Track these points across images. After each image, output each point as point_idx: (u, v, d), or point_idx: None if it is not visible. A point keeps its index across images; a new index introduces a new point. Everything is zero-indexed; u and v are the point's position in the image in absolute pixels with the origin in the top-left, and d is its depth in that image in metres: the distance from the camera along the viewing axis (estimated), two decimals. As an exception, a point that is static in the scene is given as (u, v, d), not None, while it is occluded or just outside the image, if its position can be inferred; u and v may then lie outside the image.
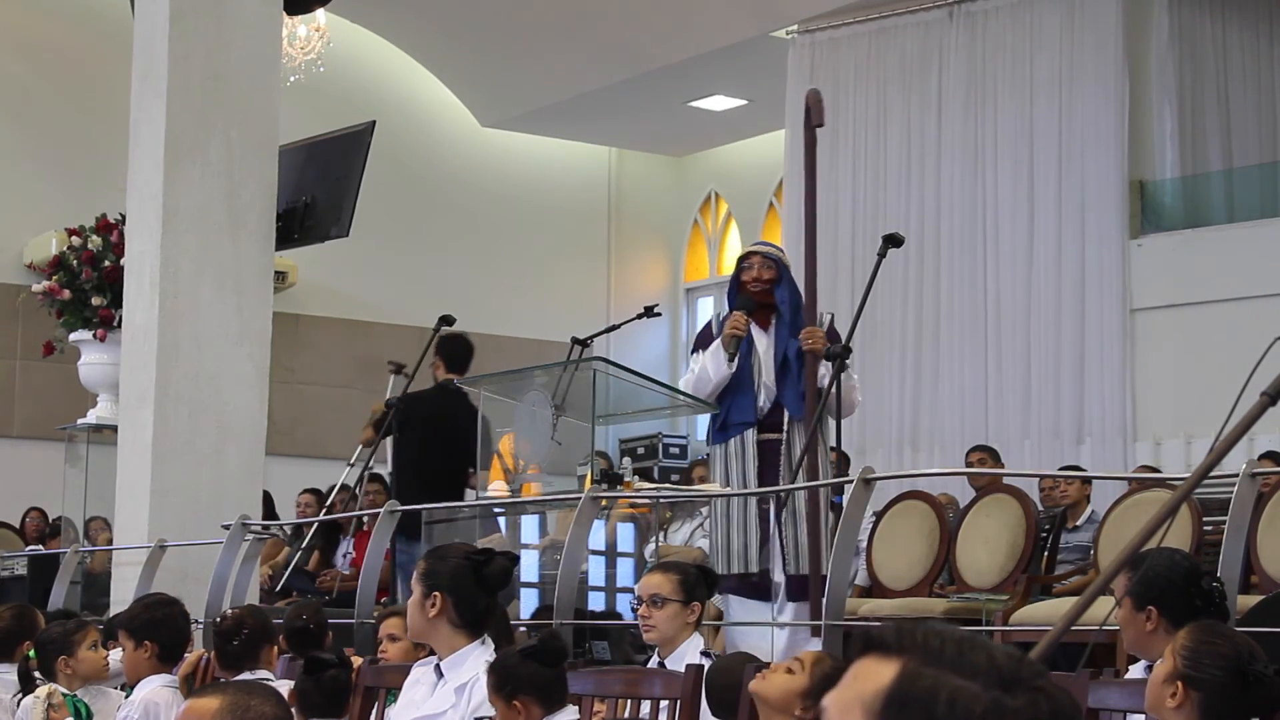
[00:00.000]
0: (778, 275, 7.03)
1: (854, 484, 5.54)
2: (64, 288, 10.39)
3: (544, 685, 3.94)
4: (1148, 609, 4.08)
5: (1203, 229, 12.06)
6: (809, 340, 6.67)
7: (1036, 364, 12.32)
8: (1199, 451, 11.10)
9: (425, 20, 14.73)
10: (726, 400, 6.97)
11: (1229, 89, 12.54)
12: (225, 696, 2.92)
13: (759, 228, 15.94)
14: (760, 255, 7.11)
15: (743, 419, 6.92)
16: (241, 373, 8.33)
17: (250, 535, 7.55)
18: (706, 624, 6.06)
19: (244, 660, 5.30)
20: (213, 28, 8.41)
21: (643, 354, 15.52)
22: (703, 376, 6.96)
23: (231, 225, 8.37)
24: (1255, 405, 2.54)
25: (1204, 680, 3.26)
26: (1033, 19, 12.58)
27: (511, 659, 3.98)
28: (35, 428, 13.26)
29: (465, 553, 4.29)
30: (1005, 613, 7.14)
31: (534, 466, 9.30)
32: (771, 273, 7.02)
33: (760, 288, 6.99)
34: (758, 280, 6.99)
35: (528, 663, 3.95)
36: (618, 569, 9.50)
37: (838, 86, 13.46)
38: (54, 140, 14.05)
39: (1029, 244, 12.46)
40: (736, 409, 6.94)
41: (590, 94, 14.81)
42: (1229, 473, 5.36)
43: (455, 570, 4.20)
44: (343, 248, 10.25)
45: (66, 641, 5.64)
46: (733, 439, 6.92)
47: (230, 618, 5.42)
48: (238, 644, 5.30)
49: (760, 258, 7.08)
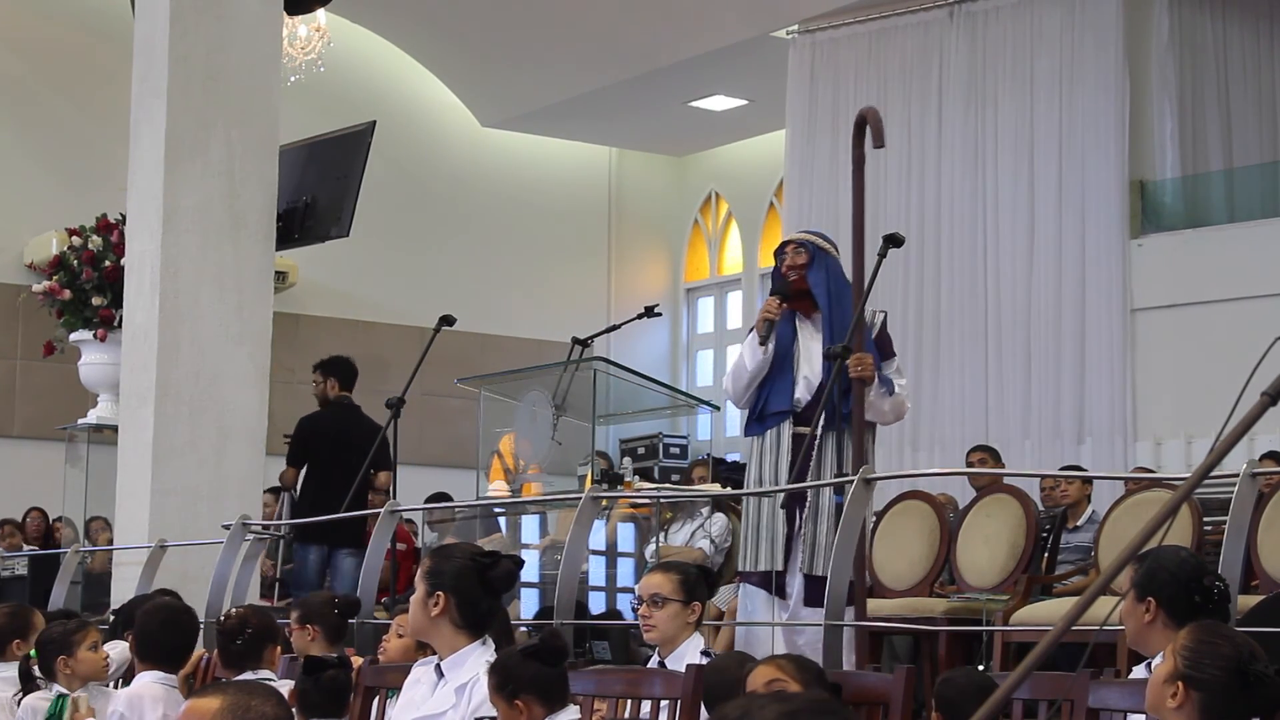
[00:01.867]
0: (810, 259, 6.73)
1: (854, 484, 5.54)
2: (64, 288, 10.40)
3: (546, 684, 3.94)
4: (1147, 600, 4.09)
5: (1203, 229, 12.06)
6: (857, 367, 6.35)
7: (1036, 364, 12.32)
8: (1199, 451, 11.10)
9: (425, 20, 14.73)
10: (765, 388, 6.65)
11: (1229, 89, 12.54)
12: (226, 696, 2.92)
13: (759, 228, 15.94)
14: (793, 242, 6.83)
15: (780, 407, 6.61)
16: (241, 373, 8.34)
17: (250, 535, 7.54)
18: (707, 624, 6.06)
19: (247, 660, 5.29)
20: (213, 28, 8.42)
21: (643, 354, 15.52)
22: (739, 365, 6.70)
23: (231, 225, 8.38)
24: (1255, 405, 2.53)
25: (1204, 680, 3.26)
26: (1033, 19, 12.58)
27: (513, 658, 3.98)
28: (35, 428, 13.26)
29: (471, 553, 4.28)
30: (1005, 613, 7.14)
31: (534, 466, 9.31)
32: (803, 257, 6.72)
33: (793, 274, 6.71)
34: (791, 267, 6.71)
35: (529, 662, 3.94)
36: (618, 569, 9.51)
37: (838, 86, 13.47)
38: (54, 140, 14.06)
39: (1029, 244, 12.46)
40: (775, 396, 6.64)
41: (590, 94, 14.81)
42: (1229, 473, 5.35)
43: (460, 571, 4.19)
44: (343, 248, 10.26)
45: (66, 641, 5.64)
46: (769, 431, 6.63)
47: (234, 617, 5.41)
48: (241, 643, 5.30)
49: (793, 245, 6.80)
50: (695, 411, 11.00)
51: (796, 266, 6.71)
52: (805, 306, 6.72)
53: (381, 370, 14.32)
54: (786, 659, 4.19)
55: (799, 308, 6.70)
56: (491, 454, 9.43)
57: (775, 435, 6.58)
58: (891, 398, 6.59)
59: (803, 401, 6.60)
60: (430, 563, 4.25)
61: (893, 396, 6.59)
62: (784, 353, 6.64)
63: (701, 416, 12.71)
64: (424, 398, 12.88)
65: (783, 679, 3.97)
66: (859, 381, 6.36)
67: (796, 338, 6.70)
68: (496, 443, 9.48)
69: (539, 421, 9.13)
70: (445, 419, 14.06)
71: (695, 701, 4.14)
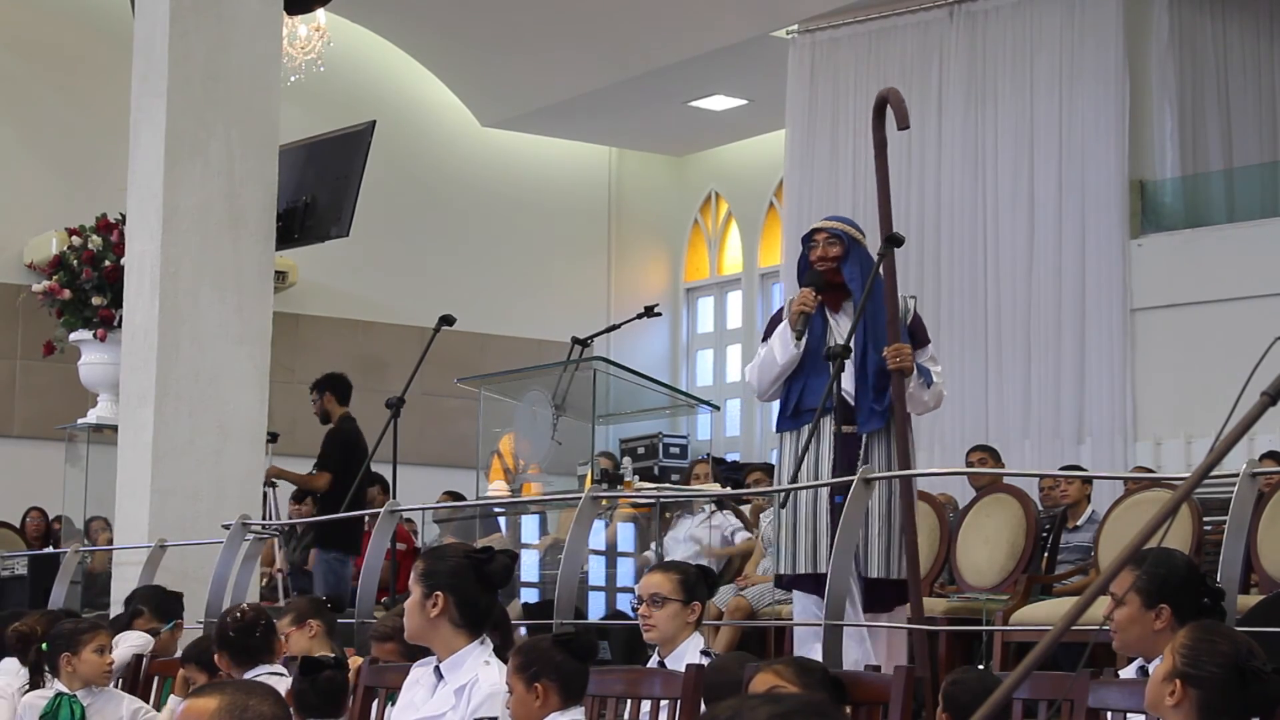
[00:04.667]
0: (844, 251, 6.49)
1: (854, 484, 5.53)
2: (64, 287, 10.39)
3: (569, 676, 3.93)
4: (1159, 607, 4.01)
5: (1203, 229, 12.06)
6: (895, 358, 6.20)
7: (1036, 364, 12.32)
8: (1199, 451, 11.10)
9: (425, 20, 14.73)
10: (798, 384, 6.40)
11: (1229, 89, 12.54)
12: (224, 696, 2.91)
13: (759, 227, 15.95)
14: (825, 232, 6.55)
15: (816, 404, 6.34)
16: (241, 373, 8.34)
17: (250, 535, 7.54)
18: (707, 624, 6.06)
19: (261, 654, 5.30)
20: (213, 28, 8.42)
21: (643, 354, 15.53)
22: (768, 360, 6.43)
23: (231, 225, 8.37)
24: (1255, 405, 2.53)
25: (1203, 679, 3.26)
26: (1033, 19, 12.58)
27: (543, 643, 3.97)
28: (35, 428, 13.26)
29: (465, 551, 4.28)
30: (1005, 613, 7.14)
31: (534, 466, 9.31)
32: (837, 249, 6.47)
33: (826, 266, 6.45)
34: (823, 259, 6.45)
35: (558, 650, 3.94)
36: (618, 569, 9.52)
37: (838, 86, 13.47)
38: (54, 140, 14.06)
39: (1029, 244, 12.46)
40: (810, 394, 6.37)
41: (590, 94, 14.81)
42: (1229, 473, 5.35)
43: (456, 569, 4.19)
44: (343, 248, 10.25)
45: (73, 640, 5.64)
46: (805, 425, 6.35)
47: (246, 614, 5.41)
48: (259, 637, 5.30)
49: (825, 234, 6.53)
50: (695, 411, 11.01)
51: (830, 258, 6.48)
52: (836, 299, 6.52)
53: (381, 370, 14.33)
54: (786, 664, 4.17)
55: (829, 300, 6.49)
56: (491, 454, 9.44)
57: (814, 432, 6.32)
58: (930, 388, 6.41)
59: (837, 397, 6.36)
60: (424, 564, 4.24)
61: (931, 387, 6.41)
62: (816, 347, 6.40)
63: (701, 416, 12.71)
64: (424, 398, 12.88)
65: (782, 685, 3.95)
66: (898, 373, 6.20)
67: (828, 331, 6.47)
68: (496, 443, 9.49)
69: (539, 421, 9.13)
70: (445, 419, 14.06)
71: (695, 701, 4.15)
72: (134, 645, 6.34)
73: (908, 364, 6.24)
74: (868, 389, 6.34)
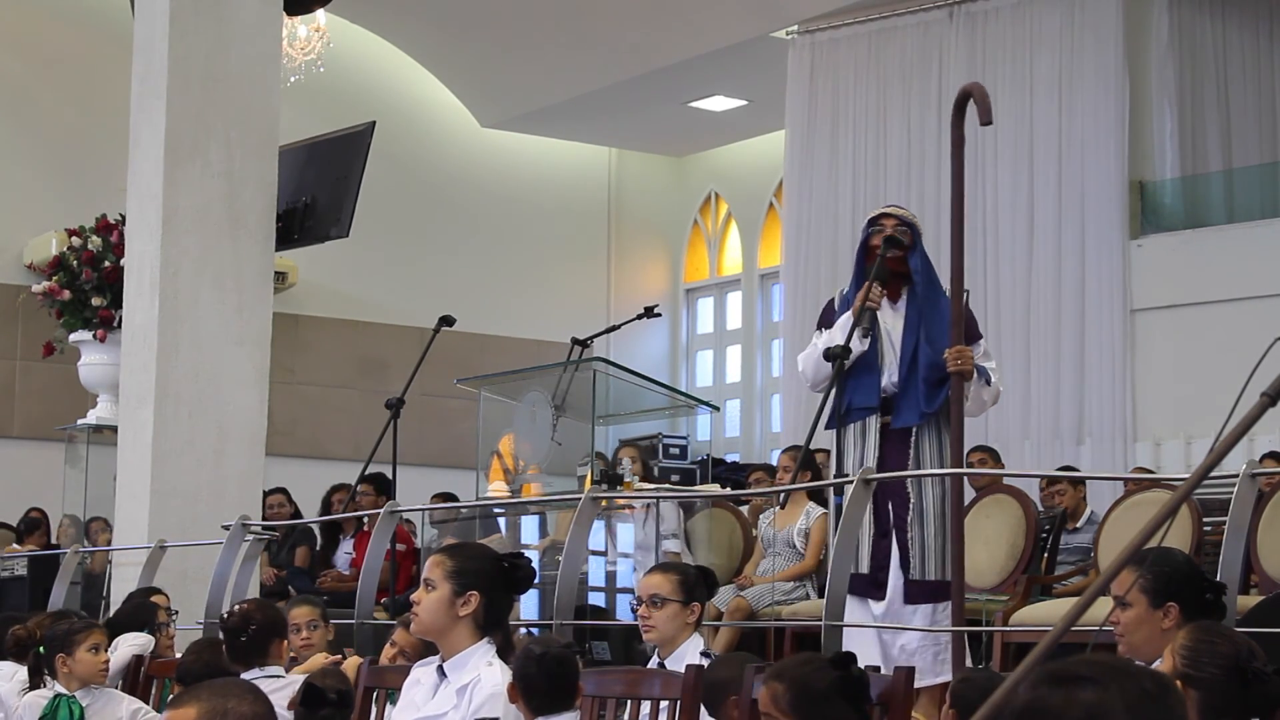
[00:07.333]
0: (912, 241, 6.42)
1: (854, 484, 5.53)
2: (64, 288, 10.40)
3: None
4: (1166, 606, 3.96)
5: (1203, 229, 12.06)
6: (957, 361, 6.08)
7: (1036, 364, 12.32)
8: (1199, 452, 11.10)
9: (425, 20, 14.73)
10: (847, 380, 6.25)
11: (1229, 89, 12.54)
12: (200, 703, 2.84)
13: (759, 228, 15.94)
14: (894, 218, 6.46)
15: (866, 403, 6.28)
16: (241, 373, 8.34)
17: (250, 535, 7.55)
18: (706, 624, 6.06)
19: (253, 655, 5.29)
20: (213, 28, 8.42)
21: (643, 354, 15.52)
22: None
23: (231, 225, 8.38)
24: (1255, 405, 2.53)
25: (1203, 679, 3.26)
26: (1033, 19, 12.58)
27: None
28: (35, 428, 13.26)
29: (493, 554, 4.35)
30: (1005, 613, 7.14)
31: (534, 467, 9.30)
32: (907, 238, 6.41)
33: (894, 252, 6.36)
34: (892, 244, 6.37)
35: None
36: (618, 569, 9.51)
37: (838, 86, 13.47)
38: (54, 140, 14.05)
39: (1029, 244, 12.46)
40: (860, 392, 6.29)
41: (590, 94, 14.80)
42: (1229, 473, 5.36)
43: (490, 571, 4.24)
44: (343, 248, 10.25)
45: (68, 640, 5.64)
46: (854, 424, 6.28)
47: (238, 613, 5.41)
48: (246, 639, 5.29)
49: (894, 220, 6.44)
50: (695, 412, 10.99)
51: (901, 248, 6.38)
52: (893, 288, 6.42)
53: (381, 370, 14.34)
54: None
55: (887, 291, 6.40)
56: (491, 454, 9.43)
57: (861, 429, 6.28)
58: (989, 387, 6.31)
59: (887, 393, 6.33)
60: (454, 562, 4.24)
61: (990, 386, 6.31)
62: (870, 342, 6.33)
63: (701, 417, 12.67)
64: (424, 398, 12.87)
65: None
66: (958, 376, 6.08)
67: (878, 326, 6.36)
68: (496, 443, 9.48)
69: (539, 422, 9.13)
70: (445, 419, 14.06)
71: (695, 702, 4.14)
72: (134, 645, 6.34)
73: (969, 368, 6.14)
74: (916, 382, 6.27)
